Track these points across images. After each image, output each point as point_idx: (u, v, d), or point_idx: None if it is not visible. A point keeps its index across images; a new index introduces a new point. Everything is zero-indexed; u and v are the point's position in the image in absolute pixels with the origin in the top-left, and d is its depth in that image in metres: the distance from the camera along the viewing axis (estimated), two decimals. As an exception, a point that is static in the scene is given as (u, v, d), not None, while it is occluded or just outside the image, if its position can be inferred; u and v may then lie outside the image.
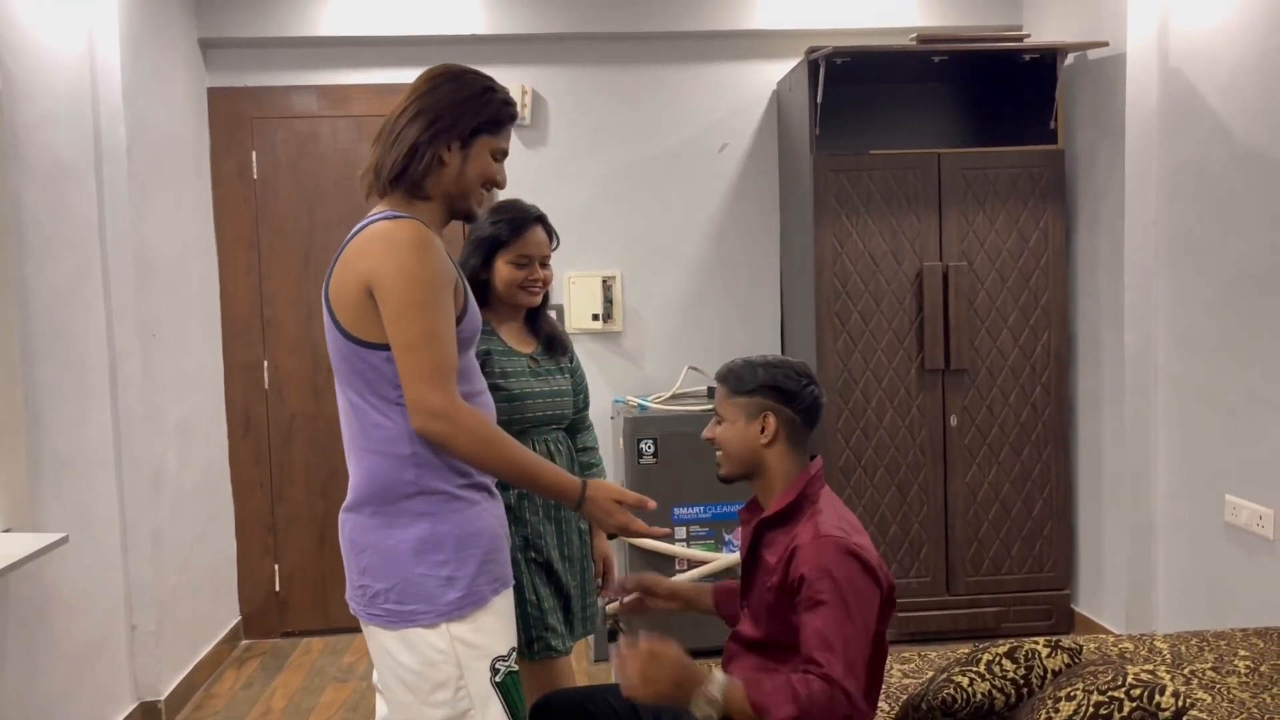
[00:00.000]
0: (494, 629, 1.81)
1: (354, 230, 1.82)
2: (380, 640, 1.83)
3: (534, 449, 2.44)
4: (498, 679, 1.79)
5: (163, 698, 3.46)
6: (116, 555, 3.32)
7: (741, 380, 2.01)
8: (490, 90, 1.90)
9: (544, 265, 2.46)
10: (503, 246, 2.40)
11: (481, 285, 2.44)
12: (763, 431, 1.98)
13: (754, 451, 1.99)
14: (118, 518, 3.33)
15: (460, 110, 1.84)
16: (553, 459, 2.47)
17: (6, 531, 2.64)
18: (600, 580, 2.70)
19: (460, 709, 1.78)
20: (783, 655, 1.92)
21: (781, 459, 2.00)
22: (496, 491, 1.94)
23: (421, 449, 1.77)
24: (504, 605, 1.85)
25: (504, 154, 1.94)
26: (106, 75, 3.30)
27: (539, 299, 2.48)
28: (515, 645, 1.85)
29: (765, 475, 2.00)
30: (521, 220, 2.42)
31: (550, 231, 2.49)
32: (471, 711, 1.79)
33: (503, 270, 2.42)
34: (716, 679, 1.76)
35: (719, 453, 2.03)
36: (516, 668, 1.83)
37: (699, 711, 1.74)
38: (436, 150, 1.82)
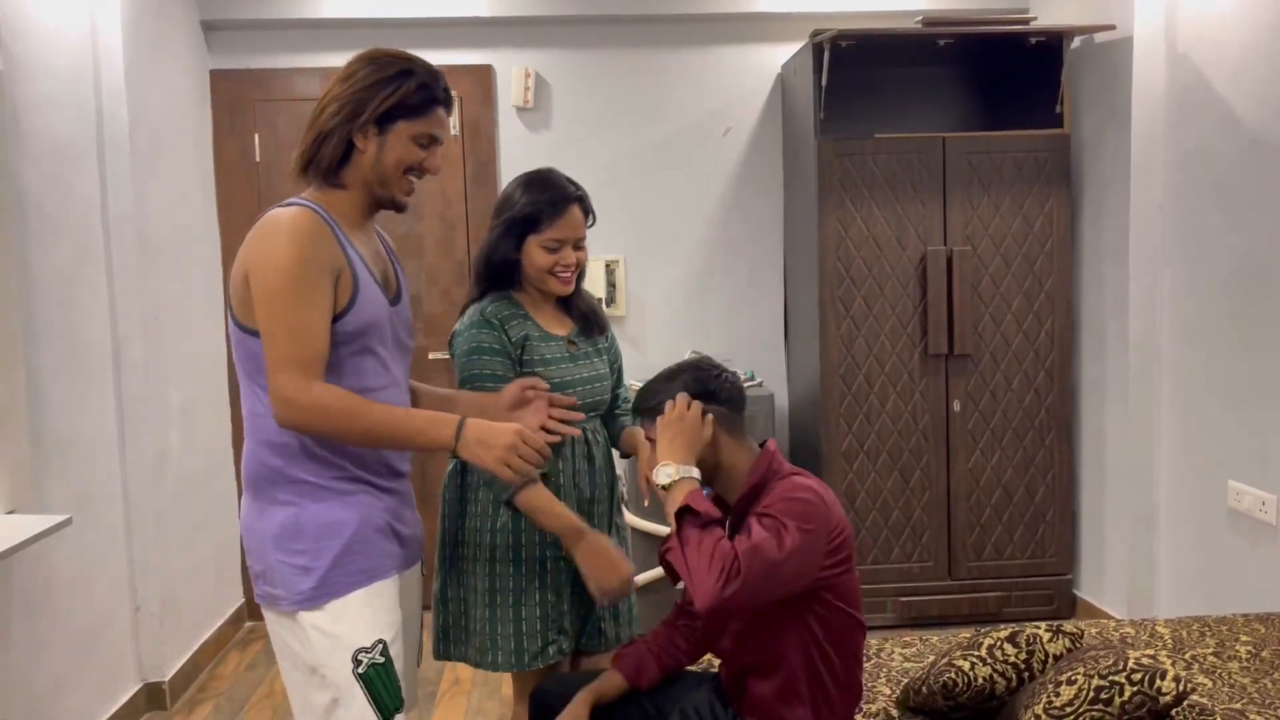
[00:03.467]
0: (355, 620, 1.77)
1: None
2: (267, 620, 1.87)
3: (571, 440, 2.22)
4: (360, 670, 1.76)
5: (167, 679, 3.48)
6: (120, 537, 3.33)
7: (661, 397, 1.96)
8: (407, 73, 1.81)
9: (578, 247, 2.25)
10: (535, 229, 2.20)
11: (513, 266, 2.25)
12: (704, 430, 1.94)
13: (706, 454, 1.95)
14: (121, 500, 3.34)
15: (371, 95, 1.78)
16: (589, 451, 2.28)
17: (10, 513, 2.64)
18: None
19: (329, 696, 1.78)
20: (782, 674, 1.91)
21: (732, 453, 1.97)
22: (391, 484, 1.87)
23: (291, 439, 1.76)
24: (371, 597, 1.79)
25: (432, 139, 1.85)
26: (108, 56, 3.29)
27: (570, 286, 2.27)
28: (386, 637, 1.80)
29: (723, 472, 1.98)
30: (560, 200, 2.21)
31: (588, 210, 2.28)
32: (339, 700, 1.77)
33: (534, 254, 2.21)
34: (682, 470, 1.87)
35: None
36: (383, 660, 1.78)
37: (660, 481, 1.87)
38: (346, 138, 1.78)
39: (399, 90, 1.79)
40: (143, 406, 3.38)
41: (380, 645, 1.78)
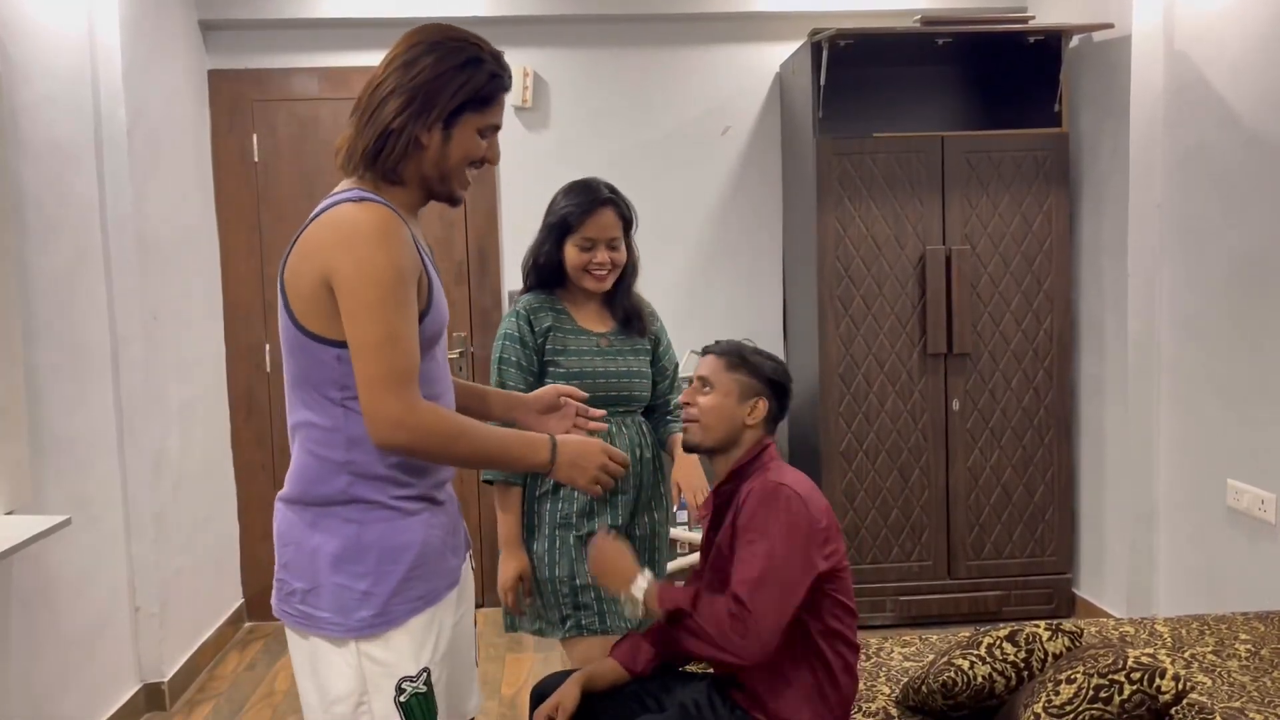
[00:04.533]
0: (405, 648, 1.68)
1: (316, 210, 1.67)
2: (291, 640, 1.74)
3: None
4: (402, 699, 1.68)
5: (166, 679, 3.48)
6: (119, 537, 3.33)
7: (746, 361, 2.08)
8: (476, 61, 1.67)
9: (613, 247, 2.41)
10: (570, 230, 2.38)
11: (556, 266, 2.42)
12: (751, 413, 2.06)
13: (735, 428, 2.06)
14: (120, 500, 3.34)
15: (440, 89, 1.64)
16: (612, 441, 2.39)
17: (8, 514, 2.64)
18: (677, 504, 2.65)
19: None
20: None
21: (753, 440, 2.09)
22: (445, 497, 1.79)
23: (358, 457, 1.64)
24: (422, 623, 1.70)
25: (495, 129, 1.73)
26: (106, 57, 3.29)
27: (606, 284, 2.43)
28: (428, 665, 1.71)
29: (733, 452, 2.07)
30: (589, 203, 2.38)
31: (623, 212, 2.43)
32: None
33: (569, 253, 2.40)
34: (641, 581, 1.98)
35: (693, 422, 2.07)
36: (425, 689, 1.70)
37: (626, 609, 2.01)
38: (412, 134, 1.65)
39: (469, 83, 1.66)
40: (142, 406, 3.38)
41: (425, 674, 1.70)
